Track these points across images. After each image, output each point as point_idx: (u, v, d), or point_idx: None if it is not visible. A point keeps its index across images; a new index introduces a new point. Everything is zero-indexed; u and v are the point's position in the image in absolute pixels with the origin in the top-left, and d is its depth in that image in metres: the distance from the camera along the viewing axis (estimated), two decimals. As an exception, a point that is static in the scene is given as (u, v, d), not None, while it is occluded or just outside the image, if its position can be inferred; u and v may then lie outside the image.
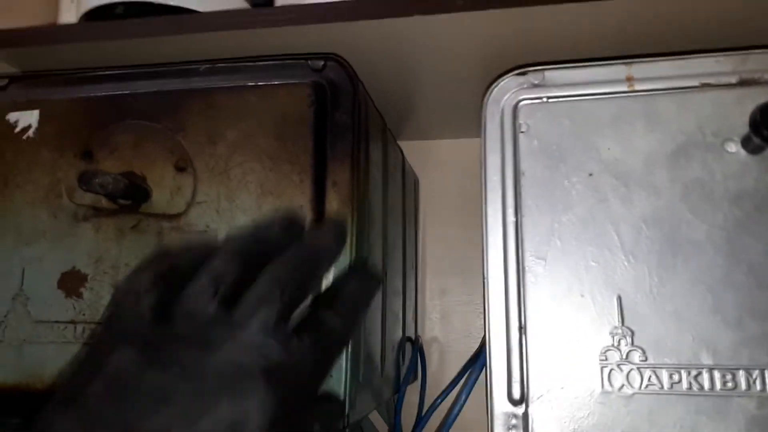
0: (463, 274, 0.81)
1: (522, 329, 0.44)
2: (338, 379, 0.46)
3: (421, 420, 0.67)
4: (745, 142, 0.42)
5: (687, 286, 0.41)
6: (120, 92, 0.52)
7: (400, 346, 0.67)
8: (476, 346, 0.77)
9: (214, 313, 0.31)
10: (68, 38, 0.52)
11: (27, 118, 0.53)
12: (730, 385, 0.39)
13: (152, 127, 0.50)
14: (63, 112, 0.53)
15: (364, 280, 0.42)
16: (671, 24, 0.44)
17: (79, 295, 0.49)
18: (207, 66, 0.51)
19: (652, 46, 0.46)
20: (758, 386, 0.39)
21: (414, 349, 0.72)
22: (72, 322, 0.49)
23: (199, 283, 0.32)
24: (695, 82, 0.44)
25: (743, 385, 0.39)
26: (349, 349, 0.47)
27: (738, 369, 0.40)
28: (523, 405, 0.43)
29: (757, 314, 0.40)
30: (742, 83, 0.43)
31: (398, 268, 0.66)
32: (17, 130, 0.53)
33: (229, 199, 0.48)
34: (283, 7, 0.51)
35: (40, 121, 0.53)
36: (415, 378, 0.71)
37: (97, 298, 0.49)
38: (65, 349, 0.48)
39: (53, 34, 0.55)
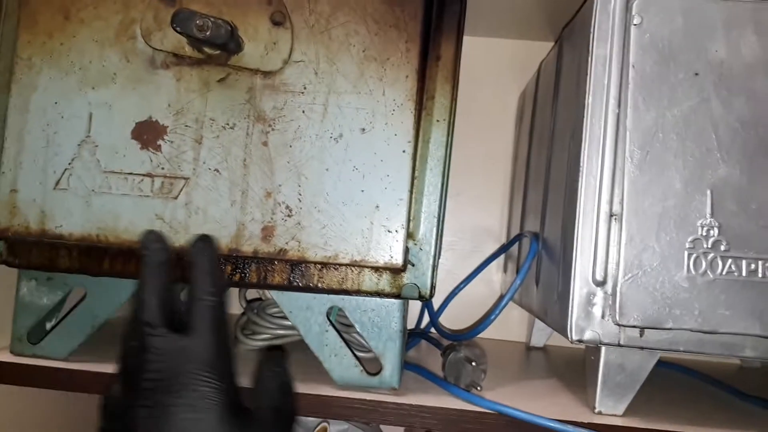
0: (479, 176, 0.82)
1: (614, 216, 0.46)
2: (428, 251, 0.47)
3: (445, 302, 0.70)
4: (841, 58, 0.45)
5: (772, 187, 0.45)
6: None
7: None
8: (482, 245, 0.80)
9: None
10: None
11: (92, -55, 0.47)
12: (799, 276, 0.44)
13: None
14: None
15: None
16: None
17: (157, 148, 0.46)
18: None
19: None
20: (823, 278, 0.44)
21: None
22: (149, 175, 0.46)
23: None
24: (800, -3, 0.46)
25: (810, 277, 0.44)
26: (439, 226, 0.47)
27: (807, 262, 0.44)
28: (607, 285, 0.46)
29: (830, 215, 0.44)
30: (843, 3, 0.46)
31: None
32: (80, -43, 0.47)
33: (329, 62, 0.47)
34: None
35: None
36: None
37: (179, 152, 0.46)
38: (142, 203, 0.46)
39: None
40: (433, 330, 0.69)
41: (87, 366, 0.50)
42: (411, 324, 0.76)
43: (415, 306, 0.75)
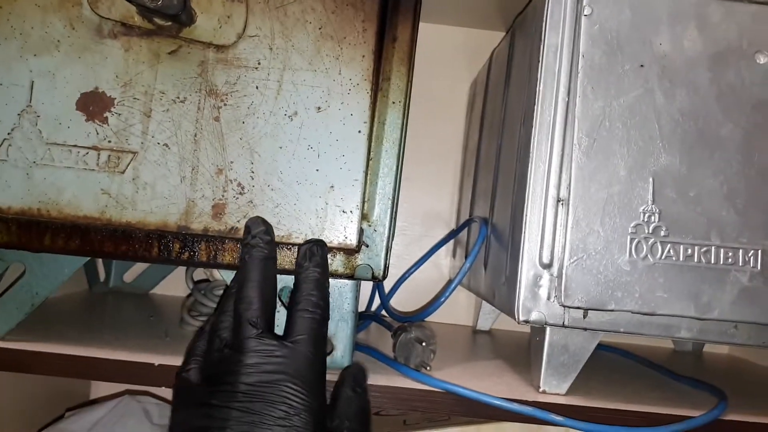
0: (430, 162, 0.83)
1: (560, 201, 0.48)
2: (382, 233, 0.48)
3: (395, 286, 0.71)
4: (774, 56, 0.48)
5: (708, 175, 0.48)
6: None
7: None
8: (431, 229, 0.82)
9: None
10: None
11: None
12: (731, 260, 0.47)
13: None
14: None
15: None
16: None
17: (104, 120, 0.45)
18: None
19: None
20: (752, 263, 0.47)
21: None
22: (95, 148, 0.45)
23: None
24: (740, -5, 0.49)
25: (740, 261, 0.47)
26: (393, 207, 0.48)
27: (738, 248, 0.47)
28: (553, 268, 0.47)
29: (761, 205, 0.47)
30: (778, 3, 0.48)
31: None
32: None
33: (285, 37, 0.46)
34: None
35: None
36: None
37: (126, 126, 0.45)
38: (87, 177, 0.45)
39: None
40: (384, 312, 0.69)
41: (27, 345, 0.48)
42: (362, 307, 0.76)
43: (366, 288, 0.75)
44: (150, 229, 0.45)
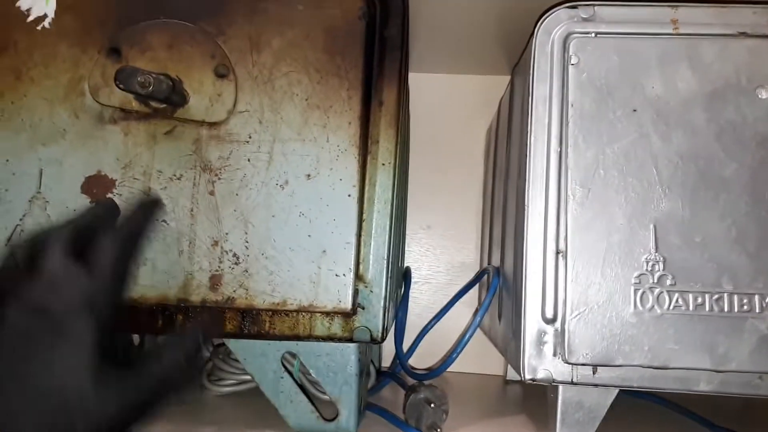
0: (447, 210, 0.83)
1: (560, 253, 0.47)
2: (379, 294, 0.48)
3: (416, 341, 0.70)
4: (776, 90, 0.46)
5: (714, 219, 0.46)
6: (152, -14, 0.49)
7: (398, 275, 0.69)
8: (456, 278, 0.81)
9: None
10: None
11: (41, 6, 0.49)
12: (746, 307, 0.45)
13: (189, 28, 0.49)
14: (85, 2, 0.49)
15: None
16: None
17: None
18: (252, -33, 0.49)
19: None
20: (770, 309, 0.44)
21: (406, 278, 0.74)
22: (98, 228, 0.47)
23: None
24: (733, 31, 0.47)
25: (757, 308, 0.45)
26: (389, 268, 0.48)
27: (754, 294, 0.45)
28: (557, 323, 0.46)
29: (774, 246, 0.45)
30: (776, 35, 0.47)
31: (401, 200, 0.67)
32: (30, 18, 0.49)
33: (274, 111, 0.48)
34: None
35: (57, 11, 0.49)
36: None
37: (128, 205, 0.47)
38: (91, 256, 0.46)
39: None
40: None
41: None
42: (387, 361, 0.76)
43: (390, 343, 0.75)
44: (152, 303, 0.47)
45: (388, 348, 0.71)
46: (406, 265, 0.81)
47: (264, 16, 0.49)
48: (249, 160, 0.48)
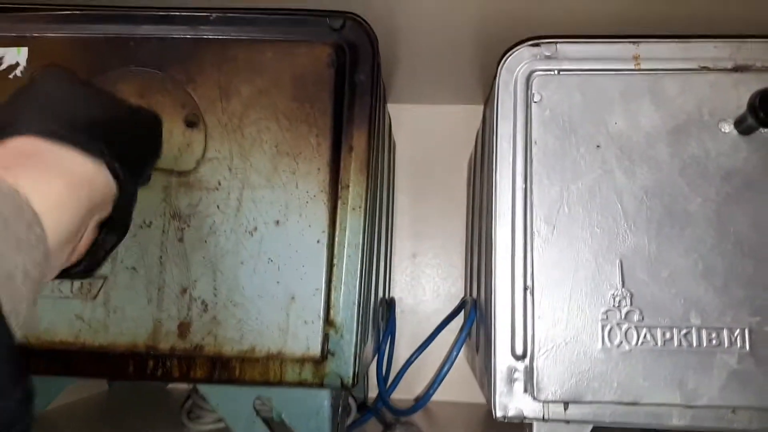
0: (432, 238, 0.83)
1: (527, 289, 0.47)
2: (349, 340, 0.48)
3: (398, 376, 0.70)
4: (738, 123, 0.47)
5: (681, 253, 0.46)
6: (121, 34, 0.50)
7: (379, 307, 0.69)
8: (443, 307, 0.81)
9: None
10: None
11: (13, 55, 0.50)
12: (715, 342, 0.45)
13: (159, 77, 0.49)
14: (56, 51, 0.51)
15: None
16: (675, 6, 0.48)
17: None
18: (218, 14, 0.50)
19: (656, 27, 0.49)
20: (739, 343, 0.45)
21: (390, 309, 0.74)
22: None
23: None
24: (695, 65, 0.48)
25: (726, 343, 0.45)
26: (360, 312, 0.48)
27: (722, 328, 0.45)
28: (526, 359, 0.46)
29: (741, 280, 0.45)
30: (737, 69, 0.48)
31: (382, 232, 0.68)
32: (2, 67, 0.50)
33: (243, 158, 0.49)
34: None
35: (29, 60, 0.50)
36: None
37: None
38: (62, 305, 0.48)
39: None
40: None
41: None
42: (375, 391, 0.76)
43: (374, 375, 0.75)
44: (121, 351, 0.47)
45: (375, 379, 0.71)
46: (391, 295, 0.81)
47: (233, 64, 0.49)
48: (218, 207, 0.48)
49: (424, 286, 0.84)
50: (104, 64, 0.50)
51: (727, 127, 0.47)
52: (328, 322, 0.48)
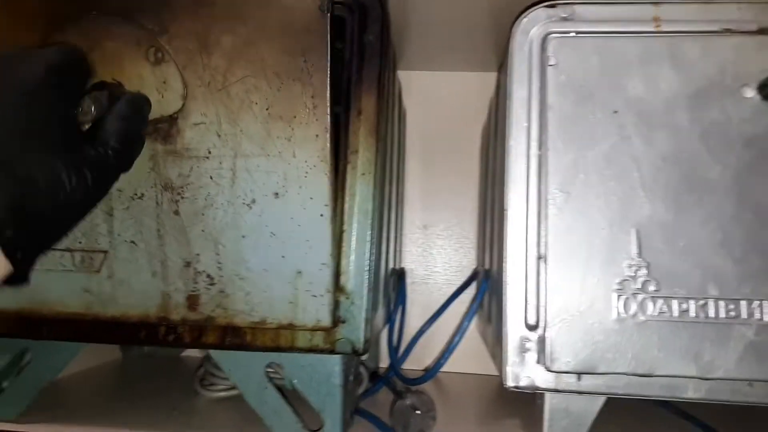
0: (444, 209, 0.83)
1: (541, 258, 0.46)
2: (360, 306, 0.47)
3: (409, 345, 0.70)
4: (762, 88, 0.45)
5: (699, 223, 0.45)
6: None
7: (390, 277, 0.69)
8: (455, 278, 0.80)
9: None
10: None
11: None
12: (732, 313, 0.44)
13: (126, 27, 0.45)
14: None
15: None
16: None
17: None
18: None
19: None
20: (757, 315, 0.44)
21: (401, 280, 0.74)
22: (68, 249, 0.48)
23: None
24: (718, 27, 0.46)
25: (744, 314, 0.44)
26: (370, 279, 0.48)
27: (740, 299, 0.44)
28: (539, 329, 0.46)
29: (760, 250, 0.44)
30: (761, 31, 0.46)
31: (392, 201, 0.67)
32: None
33: (232, 122, 0.46)
34: None
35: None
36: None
37: (92, 226, 0.48)
38: (67, 278, 0.48)
39: None
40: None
41: (35, 427, 0.51)
42: (387, 361, 0.76)
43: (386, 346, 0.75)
44: (133, 321, 0.47)
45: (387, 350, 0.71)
46: (401, 266, 0.80)
47: (210, 9, 0.45)
48: (211, 178, 0.46)
49: (435, 257, 0.83)
50: (61, 13, 0.45)
51: (750, 92, 0.45)
52: (338, 288, 0.47)
